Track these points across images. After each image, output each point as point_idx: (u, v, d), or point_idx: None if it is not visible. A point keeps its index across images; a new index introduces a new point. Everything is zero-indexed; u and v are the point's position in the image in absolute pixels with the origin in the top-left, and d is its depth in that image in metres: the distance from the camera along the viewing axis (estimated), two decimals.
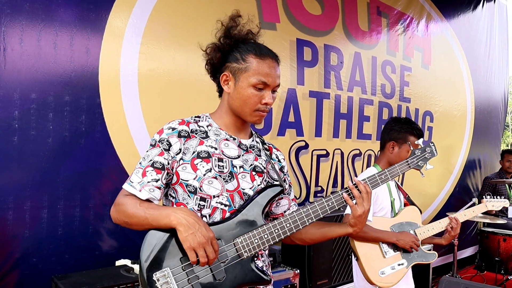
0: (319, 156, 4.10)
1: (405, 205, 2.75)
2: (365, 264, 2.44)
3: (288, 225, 1.52)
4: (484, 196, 3.12)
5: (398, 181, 3.12)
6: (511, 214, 5.44)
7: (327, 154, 4.18)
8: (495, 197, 3.06)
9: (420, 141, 1.92)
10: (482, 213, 5.03)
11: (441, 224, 2.68)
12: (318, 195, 4.08)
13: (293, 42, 3.89)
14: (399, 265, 2.49)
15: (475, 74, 6.31)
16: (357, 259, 2.48)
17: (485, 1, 6.50)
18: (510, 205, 5.52)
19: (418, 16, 5.33)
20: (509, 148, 6.55)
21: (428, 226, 2.65)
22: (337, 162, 4.27)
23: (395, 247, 2.50)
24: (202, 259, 1.36)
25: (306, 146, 3.98)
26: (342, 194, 1.57)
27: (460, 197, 5.90)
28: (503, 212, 5.59)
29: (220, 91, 1.65)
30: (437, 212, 5.45)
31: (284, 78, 3.81)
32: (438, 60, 5.61)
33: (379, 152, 2.78)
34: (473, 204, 4.65)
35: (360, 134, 4.50)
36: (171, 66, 3.08)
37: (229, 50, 1.58)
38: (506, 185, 5.67)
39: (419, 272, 2.62)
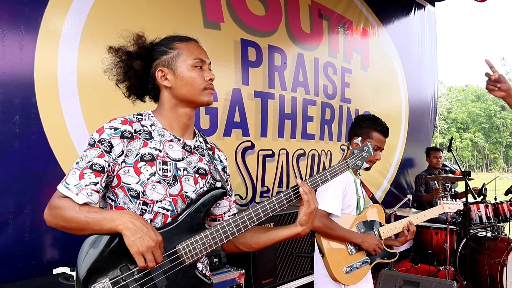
0: (265, 156, 4.13)
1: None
2: (330, 261, 2.43)
3: (230, 229, 1.49)
4: (441, 198, 3.20)
5: None
6: None
7: (272, 154, 4.22)
8: (452, 199, 3.11)
9: (358, 140, 1.91)
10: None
11: (402, 224, 2.67)
12: (264, 195, 4.11)
13: (237, 42, 3.89)
14: (363, 263, 2.51)
15: (409, 77, 6.63)
16: (323, 255, 2.46)
17: (416, 9, 6.87)
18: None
19: (357, 20, 5.52)
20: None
21: (391, 225, 2.66)
22: (282, 162, 4.32)
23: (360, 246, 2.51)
24: (150, 264, 1.32)
25: (252, 146, 3.99)
26: (298, 189, 1.53)
27: (395, 194, 6.16)
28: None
29: (155, 94, 1.61)
30: None
31: (229, 78, 3.80)
32: (375, 62, 5.84)
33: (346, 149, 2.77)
34: (408, 200, 4.89)
35: (304, 134, 4.58)
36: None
37: (148, 54, 1.57)
38: (435, 181, 5.96)
39: None
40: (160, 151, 1.49)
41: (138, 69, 1.56)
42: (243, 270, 3.13)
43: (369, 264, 2.54)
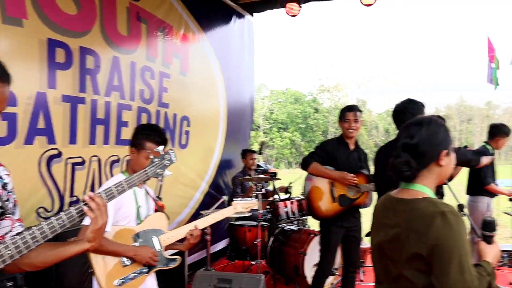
0: (74, 165, 3.89)
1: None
2: (100, 276, 2.37)
3: (8, 252, 1.37)
4: (234, 199, 3.14)
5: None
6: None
7: (83, 162, 4.00)
8: (244, 198, 3.06)
9: (160, 148, 1.93)
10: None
11: (187, 228, 2.68)
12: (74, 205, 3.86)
13: (43, 41, 3.58)
14: (139, 273, 2.49)
15: (228, 82, 6.98)
16: (93, 272, 2.39)
17: (236, 17, 7.28)
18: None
19: (178, 26, 5.59)
20: (252, 148, 7.46)
21: (173, 232, 2.67)
22: (94, 169, 4.12)
23: None
24: None
25: (59, 154, 3.72)
26: (81, 207, 1.51)
27: (214, 195, 6.42)
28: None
29: None
30: (193, 211, 5.79)
31: (32, 80, 3.48)
32: (195, 67, 6.00)
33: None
34: (223, 202, 5.16)
35: (118, 140, 4.44)
36: None
37: None
38: (249, 182, 6.39)
39: (174, 269, 2.72)
40: None
41: None
42: None
43: (146, 274, 2.54)
